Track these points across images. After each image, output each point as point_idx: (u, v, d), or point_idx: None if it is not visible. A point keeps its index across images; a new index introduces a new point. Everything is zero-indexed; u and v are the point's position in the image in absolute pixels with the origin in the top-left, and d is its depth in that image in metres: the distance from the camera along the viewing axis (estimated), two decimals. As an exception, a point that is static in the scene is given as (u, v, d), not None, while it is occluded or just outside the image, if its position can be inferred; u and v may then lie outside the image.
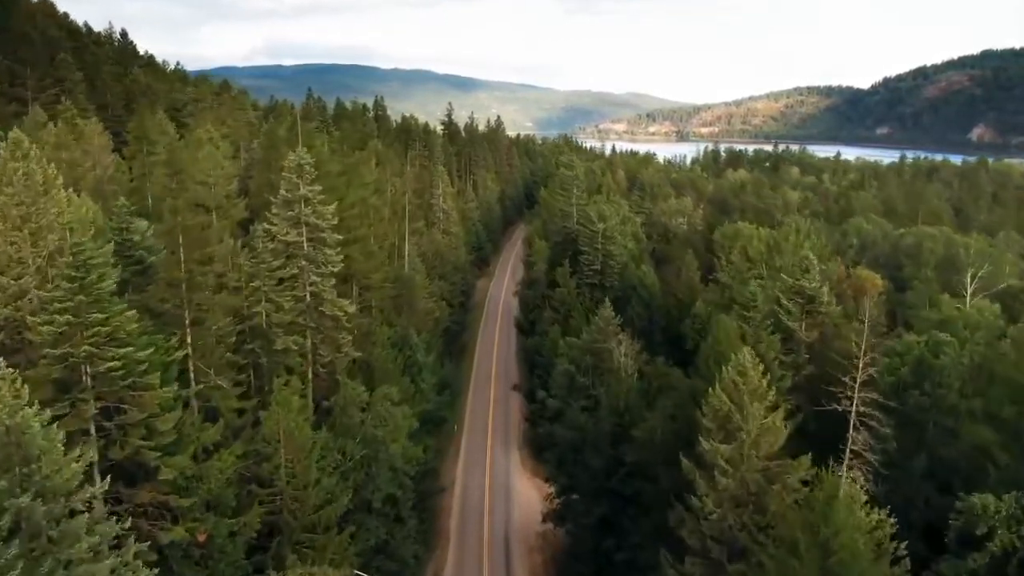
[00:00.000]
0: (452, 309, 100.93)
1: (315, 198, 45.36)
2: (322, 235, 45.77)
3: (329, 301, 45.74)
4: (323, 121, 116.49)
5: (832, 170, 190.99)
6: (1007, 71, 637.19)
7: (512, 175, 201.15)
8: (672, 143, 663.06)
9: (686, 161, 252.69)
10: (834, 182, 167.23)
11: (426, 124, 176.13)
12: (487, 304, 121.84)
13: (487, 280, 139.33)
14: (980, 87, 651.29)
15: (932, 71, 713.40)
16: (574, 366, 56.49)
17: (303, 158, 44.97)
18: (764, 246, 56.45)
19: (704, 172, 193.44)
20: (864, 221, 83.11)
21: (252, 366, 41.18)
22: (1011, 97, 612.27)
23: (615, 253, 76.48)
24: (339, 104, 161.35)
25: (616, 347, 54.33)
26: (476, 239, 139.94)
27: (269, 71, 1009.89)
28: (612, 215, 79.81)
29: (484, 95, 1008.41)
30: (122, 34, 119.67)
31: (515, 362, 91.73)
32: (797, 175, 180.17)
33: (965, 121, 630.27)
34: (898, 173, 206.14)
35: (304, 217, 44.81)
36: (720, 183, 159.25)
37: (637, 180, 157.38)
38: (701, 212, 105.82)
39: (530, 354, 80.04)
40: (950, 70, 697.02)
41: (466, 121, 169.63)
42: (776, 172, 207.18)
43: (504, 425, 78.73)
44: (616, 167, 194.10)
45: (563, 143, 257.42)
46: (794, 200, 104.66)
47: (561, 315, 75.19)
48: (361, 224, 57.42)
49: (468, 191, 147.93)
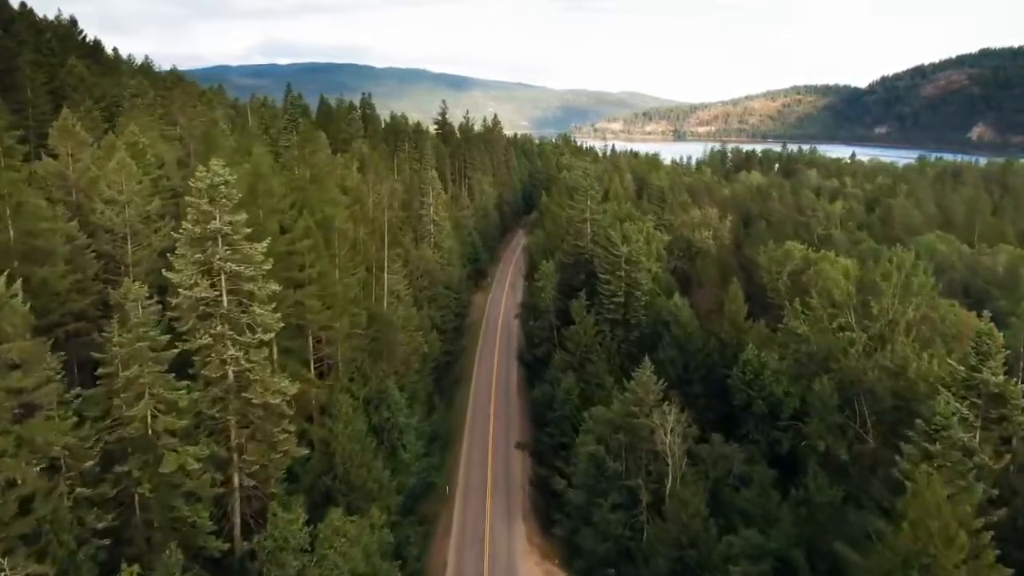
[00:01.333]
0: (444, 336, 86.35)
1: (237, 233, 30.68)
2: (248, 286, 31.12)
3: (258, 382, 31.08)
4: (292, 120, 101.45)
5: (852, 173, 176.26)
6: (1006, 70, 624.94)
7: (510, 178, 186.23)
8: (669, 142, 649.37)
9: (690, 162, 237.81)
10: (857, 185, 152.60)
11: (417, 123, 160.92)
12: (484, 325, 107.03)
13: (484, 295, 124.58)
14: (979, 86, 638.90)
15: (930, 70, 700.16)
16: (603, 446, 41.89)
17: (218, 175, 30.24)
18: (853, 284, 41.92)
19: (714, 174, 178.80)
20: (935, 239, 68.65)
21: (121, 503, 26.43)
22: (1011, 96, 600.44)
23: (641, 282, 61.82)
24: (323, 102, 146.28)
25: (661, 425, 39.77)
26: (472, 250, 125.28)
27: (264, 70, 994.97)
28: (635, 234, 65.13)
29: (479, 94, 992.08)
30: (71, 21, 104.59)
31: (517, 403, 76.88)
32: (815, 178, 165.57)
33: (964, 120, 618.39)
34: (920, 174, 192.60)
35: (219, 263, 30.14)
36: (735, 188, 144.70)
37: (646, 185, 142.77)
38: (728, 224, 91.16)
39: (538, 405, 65.36)
40: (948, 69, 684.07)
41: (461, 120, 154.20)
42: (789, 175, 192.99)
43: (505, 487, 63.78)
44: (622, 170, 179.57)
45: (563, 143, 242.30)
46: (836, 211, 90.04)
47: (576, 358, 60.59)
48: (321, 256, 42.79)
49: (463, 197, 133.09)
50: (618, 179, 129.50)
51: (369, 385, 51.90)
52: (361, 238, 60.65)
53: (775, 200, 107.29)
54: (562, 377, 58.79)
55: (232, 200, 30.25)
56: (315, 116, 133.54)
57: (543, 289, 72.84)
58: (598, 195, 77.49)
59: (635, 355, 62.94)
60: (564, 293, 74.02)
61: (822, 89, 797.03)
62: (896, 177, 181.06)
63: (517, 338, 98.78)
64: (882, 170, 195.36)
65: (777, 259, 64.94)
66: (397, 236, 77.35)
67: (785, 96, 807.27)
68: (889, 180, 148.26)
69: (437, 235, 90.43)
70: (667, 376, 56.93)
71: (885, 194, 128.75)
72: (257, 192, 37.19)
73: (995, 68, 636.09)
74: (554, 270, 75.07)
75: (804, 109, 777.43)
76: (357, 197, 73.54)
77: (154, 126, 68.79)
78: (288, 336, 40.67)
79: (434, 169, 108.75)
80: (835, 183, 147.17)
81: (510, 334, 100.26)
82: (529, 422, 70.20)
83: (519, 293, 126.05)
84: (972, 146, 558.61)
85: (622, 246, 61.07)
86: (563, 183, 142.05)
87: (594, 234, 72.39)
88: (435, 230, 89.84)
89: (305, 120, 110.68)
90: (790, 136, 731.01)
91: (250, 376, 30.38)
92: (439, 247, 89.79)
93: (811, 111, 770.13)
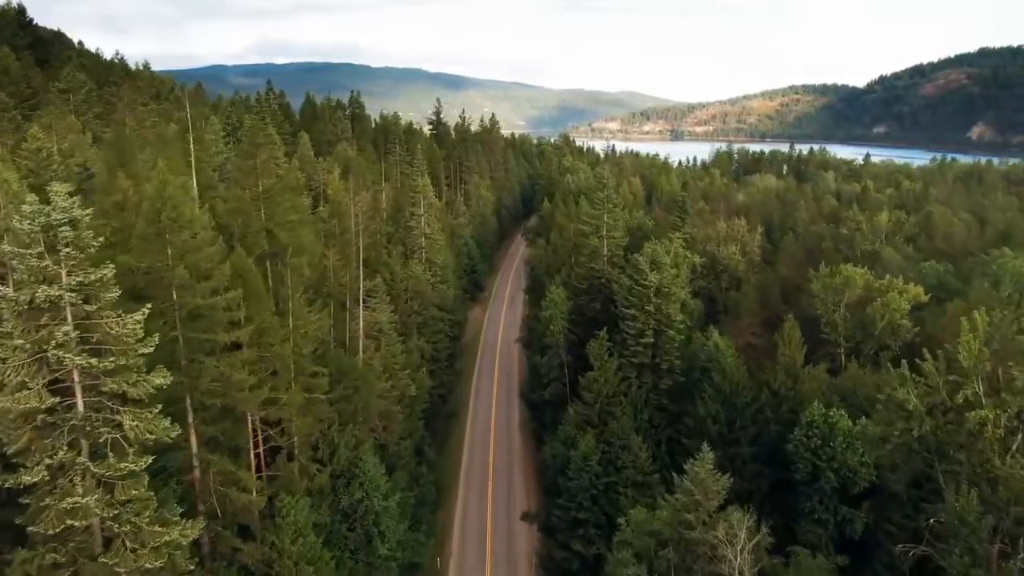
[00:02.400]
0: (437, 365, 74.79)
1: (95, 299, 19.06)
2: (113, 383, 19.46)
3: (129, 536, 19.43)
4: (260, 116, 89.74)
5: (873, 175, 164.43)
6: (1006, 69, 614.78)
7: (508, 181, 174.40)
8: (667, 142, 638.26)
9: (694, 163, 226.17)
10: (880, 190, 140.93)
11: (409, 123, 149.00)
12: (482, 348, 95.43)
13: (482, 310, 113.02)
14: (978, 85, 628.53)
15: (929, 69, 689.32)
16: (645, 566, 30.33)
17: (58, 210, 18.54)
18: (980, 338, 30.45)
19: (723, 177, 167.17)
20: (1013, 259, 57.28)
21: None
22: (1011, 95, 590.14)
23: (674, 318, 50.15)
24: (308, 100, 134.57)
25: (728, 540, 28.30)
26: (468, 261, 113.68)
27: (260, 69, 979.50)
28: (663, 256, 53.46)
29: (476, 93, 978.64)
30: (18, 9, 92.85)
31: (521, 455, 65.22)
32: (835, 181, 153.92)
33: (964, 119, 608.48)
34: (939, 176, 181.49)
35: (59, 353, 18.50)
36: (751, 192, 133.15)
37: (655, 189, 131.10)
38: (758, 238, 79.46)
39: (549, 470, 53.77)
40: (947, 68, 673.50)
41: (456, 120, 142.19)
42: (802, 177, 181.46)
43: (508, 567, 52.18)
44: (628, 172, 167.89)
45: (564, 144, 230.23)
46: (883, 224, 78.28)
47: (595, 411, 49.01)
48: (262, 306, 31.10)
49: (458, 203, 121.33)
50: (626, 184, 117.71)
51: (337, 458, 40.36)
52: (332, 264, 48.95)
53: (800, 208, 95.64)
54: (579, 436, 47.23)
55: (84, 248, 18.79)
56: (299, 115, 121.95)
57: (551, 320, 61.12)
58: (617, 207, 65.58)
59: (667, 408, 51.49)
60: (576, 323, 62.43)
61: (820, 88, 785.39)
62: (918, 179, 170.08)
63: (519, 366, 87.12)
64: (899, 172, 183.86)
65: (834, 285, 53.46)
66: (381, 255, 65.64)
67: (783, 96, 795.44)
68: (918, 184, 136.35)
69: (429, 249, 78.82)
70: (707, 435, 45.58)
71: (916, 200, 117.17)
72: (161, 225, 25.68)
73: (994, 67, 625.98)
74: (564, 298, 63.33)
75: (802, 108, 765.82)
76: (337, 210, 61.87)
77: (88, 127, 57.01)
78: (212, 419, 29.04)
79: (426, 174, 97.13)
80: (855, 187, 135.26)
81: (510, 361, 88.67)
82: (535, 484, 58.55)
83: (519, 308, 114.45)
84: (972, 146, 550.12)
85: (651, 274, 49.39)
86: (566, 187, 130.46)
87: (612, 254, 60.75)
88: (426, 243, 78.24)
89: (265, 120, 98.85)
90: (788, 135, 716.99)
91: (116, 529, 18.94)
92: (431, 263, 78.12)
93: (809, 111, 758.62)
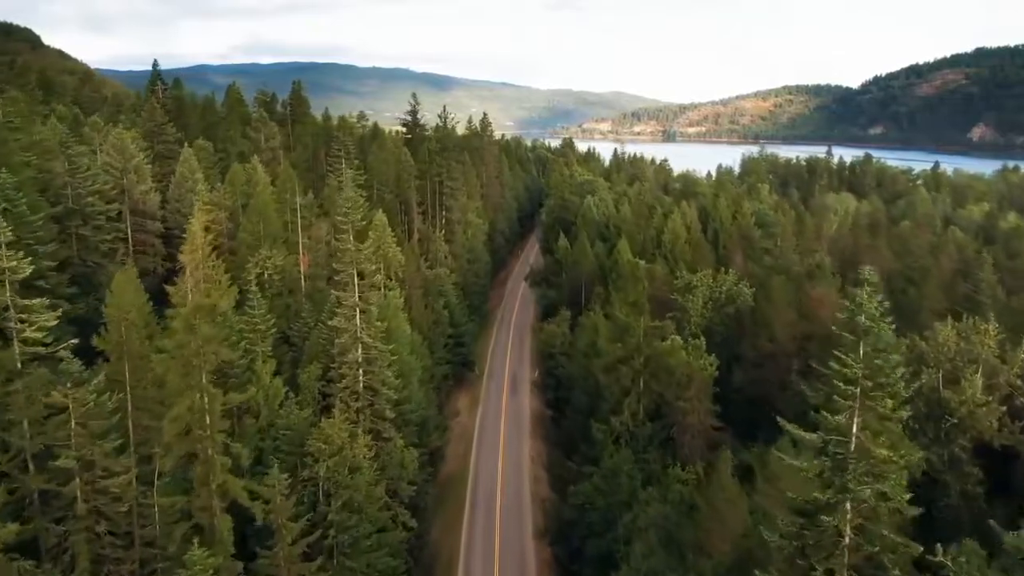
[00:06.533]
0: None
1: None
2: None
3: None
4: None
5: (951, 187, 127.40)
6: (1004, 69, 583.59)
7: (503, 197, 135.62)
8: (659, 143, 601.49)
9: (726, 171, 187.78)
10: (988, 214, 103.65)
11: (375, 125, 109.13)
12: (469, 507, 56.91)
13: (470, 407, 73.96)
14: (977, 85, 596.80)
15: (925, 69, 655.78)
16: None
17: None
18: None
19: (771, 194, 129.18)
20: None
21: None
22: (1011, 95, 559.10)
23: None
24: (229, 94, 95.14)
25: None
26: (450, 323, 74.27)
27: (244, 69, 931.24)
28: None
29: (463, 93, 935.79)
30: None
31: None
32: (929, 200, 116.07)
33: (963, 120, 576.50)
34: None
35: None
36: (840, 222, 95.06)
37: (710, 220, 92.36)
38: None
39: None
40: (944, 68, 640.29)
41: (437, 122, 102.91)
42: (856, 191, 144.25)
43: None
44: (651, 187, 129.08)
45: (567, 148, 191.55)
46: None
47: None
48: None
49: (438, 241, 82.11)
50: (677, 215, 78.98)
51: None
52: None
53: (985, 265, 58.32)
54: None
55: None
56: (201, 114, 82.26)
57: None
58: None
59: None
60: None
61: (814, 89, 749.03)
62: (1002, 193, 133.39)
63: (545, 531, 48.51)
64: (975, 183, 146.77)
65: None
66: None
67: (776, 96, 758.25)
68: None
69: (375, 372, 39.82)
70: None
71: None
72: None
73: (993, 67, 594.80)
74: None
75: (796, 109, 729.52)
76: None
77: None
78: None
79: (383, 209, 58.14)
80: (975, 212, 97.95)
81: (521, 503, 50.08)
82: None
83: (526, 400, 75.83)
84: (973, 147, 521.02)
85: None
86: (589, 215, 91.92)
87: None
88: (370, 365, 39.38)
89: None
90: (783, 136, 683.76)
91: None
92: (376, 412, 39.39)
93: (803, 111, 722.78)
